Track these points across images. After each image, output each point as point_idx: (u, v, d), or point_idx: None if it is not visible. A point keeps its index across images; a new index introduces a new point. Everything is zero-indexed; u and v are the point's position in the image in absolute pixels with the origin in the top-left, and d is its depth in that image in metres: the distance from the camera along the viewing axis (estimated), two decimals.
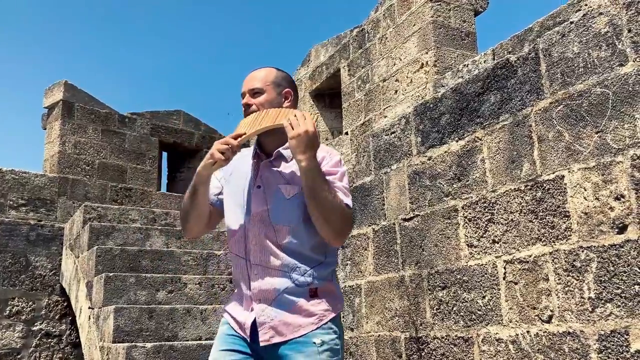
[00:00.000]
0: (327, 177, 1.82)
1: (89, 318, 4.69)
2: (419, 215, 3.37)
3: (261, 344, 1.78)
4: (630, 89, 2.30)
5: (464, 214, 3.07)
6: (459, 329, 3.02)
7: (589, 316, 2.38)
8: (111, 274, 4.44)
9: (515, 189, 2.78)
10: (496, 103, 2.95)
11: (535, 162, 2.70)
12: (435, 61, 5.65)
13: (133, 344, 3.65)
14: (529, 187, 2.71)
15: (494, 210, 2.89)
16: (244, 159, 2.00)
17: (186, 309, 4.22)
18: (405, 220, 3.48)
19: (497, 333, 2.80)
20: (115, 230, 5.37)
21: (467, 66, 5.20)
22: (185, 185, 10.23)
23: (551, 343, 2.52)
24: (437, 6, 5.77)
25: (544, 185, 2.63)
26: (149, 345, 3.65)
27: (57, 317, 6.94)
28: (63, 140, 8.64)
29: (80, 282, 5.34)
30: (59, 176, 8.38)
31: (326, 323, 1.80)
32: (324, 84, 7.76)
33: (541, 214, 2.64)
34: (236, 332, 1.89)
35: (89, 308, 4.67)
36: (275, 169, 1.91)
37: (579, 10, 4.21)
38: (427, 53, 5.74)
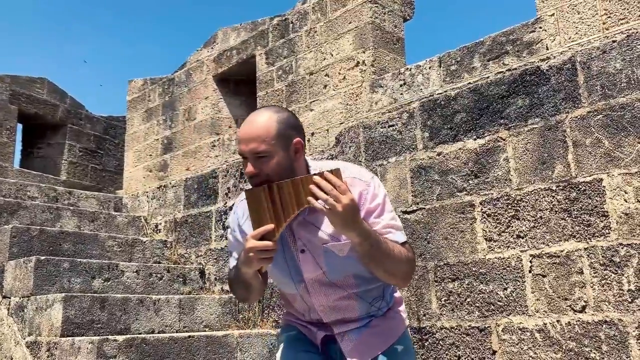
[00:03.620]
0: (372, 220, 1.62)
1: None
2: (424, 208, 3.43)
3: None
4: None
5: (482, 209, 3.20)
6: (473, 319, 3.14)
7: (627, 306, 2.65)
8: (42, 258, 3.81)
9: (545, 188, 2.98)
10: (524, 107, 3.13)
11: (569, 165, 2.92)
12: (373, 61, 5.76)
13: (105, 337, 3.16)
14: (561, 187, 2.93)
15: (519, 207, 3.06)
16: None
17: (139, 299, 3.78)
18: (406, 213, 3.51)
19: (520, 323, 2.96)
20: (21, 207, 4.60)
21: (409, 70, 5.39)
22: (44, 163, 9.10)
23: (585, 331, 2.75)
24: (375, 7, 5.90)
25: (580, 186, 2.86)
26: (120, 338, 3.20)
27: None
28: None
29: None
30: None
31: (403, 332, 1.81)
32: (233, 69, 7.46)
33: (575, 212, 2.86)
34: (306, 335, 1.82)
35: (4, 297, 3.94)
36: (311, 224, 1.64)
37: (533, 31, 4.63)
38: (364, 52, 5.83)
